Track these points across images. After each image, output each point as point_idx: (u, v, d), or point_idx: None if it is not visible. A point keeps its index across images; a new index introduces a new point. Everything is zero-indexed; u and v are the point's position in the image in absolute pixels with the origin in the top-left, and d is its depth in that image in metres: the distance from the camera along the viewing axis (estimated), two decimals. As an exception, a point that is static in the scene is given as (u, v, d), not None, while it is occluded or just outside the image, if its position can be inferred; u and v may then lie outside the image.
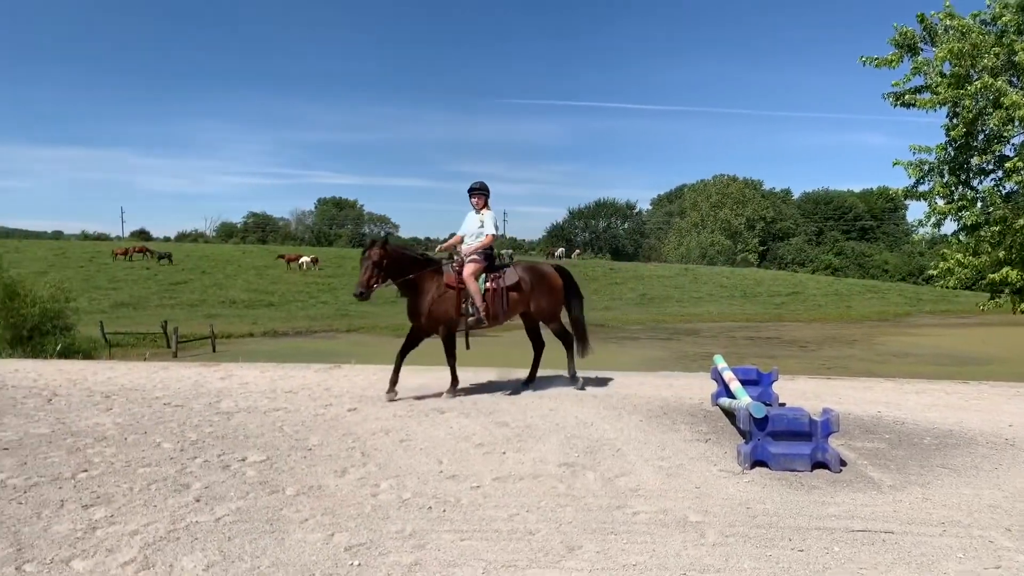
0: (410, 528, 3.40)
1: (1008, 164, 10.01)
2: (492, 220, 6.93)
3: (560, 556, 3.10)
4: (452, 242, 7.09)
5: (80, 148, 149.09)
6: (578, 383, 7.16)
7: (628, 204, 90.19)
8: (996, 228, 10.41)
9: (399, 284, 6.55)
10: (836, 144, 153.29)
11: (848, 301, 50.22)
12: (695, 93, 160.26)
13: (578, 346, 7.26)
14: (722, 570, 2.99)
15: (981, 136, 10.58)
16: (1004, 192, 10.63)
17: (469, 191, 6.97)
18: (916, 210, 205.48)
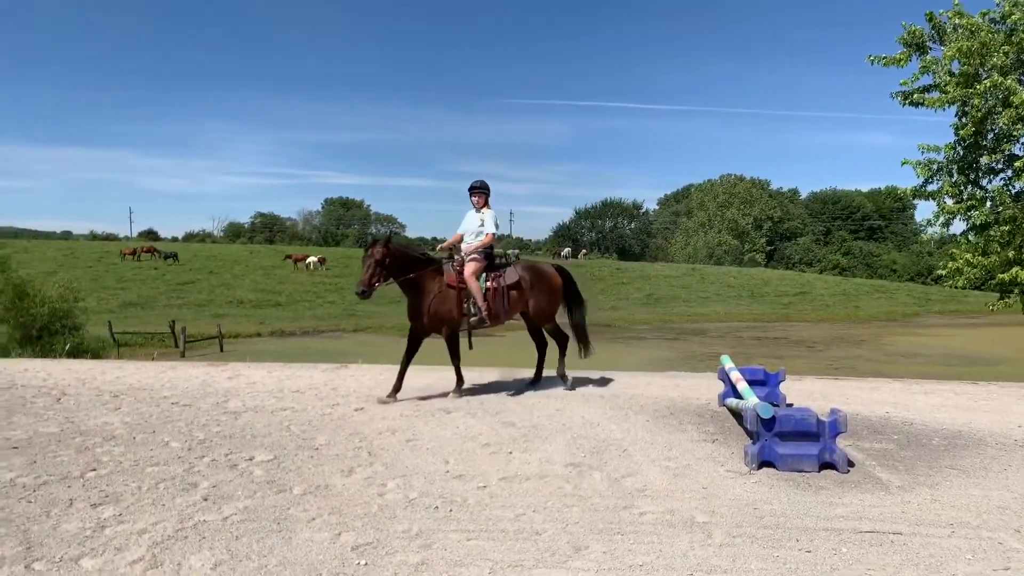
0: (417, 528, 3.40)
1: (1018, 163, 9.94)
2: (492, 219, 6.89)
3: (567, 556, 3.10)
4: (452, 241, 7.05)
5: (81, 148, 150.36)
6: (567, 383, 7.13)
7: (635, 204, 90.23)
8: (1005, 228, 10.34)
9: (400, 283, 6.54)
10: (843, 144, 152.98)
11: (856, 301, 49.98)
12: (701, 93, 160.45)
13: (579, 348, 7.23)
14: (729, 571, 2.98)
15: (990, 135, 10.51)
16: (1013, 191, 10.55)
17: (469, 189, 6.95)
18: (924, 210, 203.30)
